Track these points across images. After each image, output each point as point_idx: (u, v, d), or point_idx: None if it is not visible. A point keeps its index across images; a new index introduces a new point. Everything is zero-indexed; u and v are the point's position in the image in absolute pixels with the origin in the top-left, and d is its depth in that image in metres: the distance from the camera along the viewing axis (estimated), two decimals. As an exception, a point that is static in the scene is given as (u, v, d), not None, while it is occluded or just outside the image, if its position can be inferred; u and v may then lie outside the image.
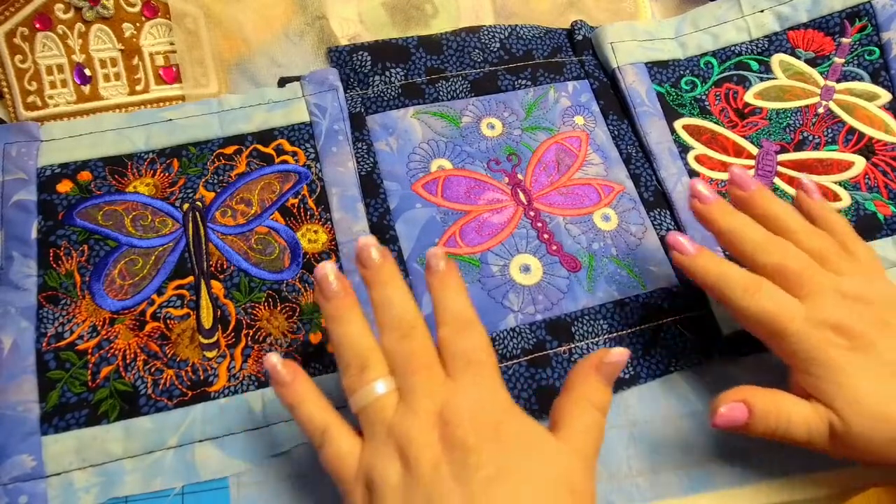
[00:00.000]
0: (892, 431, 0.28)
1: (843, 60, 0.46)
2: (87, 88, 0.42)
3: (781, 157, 0.43)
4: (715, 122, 0.44)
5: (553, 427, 0.28)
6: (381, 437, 0.27)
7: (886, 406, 0.28)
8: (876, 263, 0.33)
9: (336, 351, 0.29)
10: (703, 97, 0.45)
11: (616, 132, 0.44)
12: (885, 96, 0.44)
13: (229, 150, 0.40)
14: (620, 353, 0.29)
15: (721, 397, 0.31)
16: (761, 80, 0.45)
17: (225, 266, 0.37)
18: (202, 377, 0.34)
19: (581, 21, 0.48)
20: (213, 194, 0.39)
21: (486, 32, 0.46)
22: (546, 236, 0.40)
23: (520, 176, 0.42)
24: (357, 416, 0.28)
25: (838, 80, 0.45)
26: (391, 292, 0.29)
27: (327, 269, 0.29)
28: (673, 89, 0.45)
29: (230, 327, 0.35)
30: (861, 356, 0.29)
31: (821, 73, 0.45)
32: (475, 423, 0.26)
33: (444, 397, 0.27)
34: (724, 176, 0.42)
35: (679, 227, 0.40)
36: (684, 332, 0.37)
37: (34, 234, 0.37)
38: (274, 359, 0.29)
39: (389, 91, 0.43)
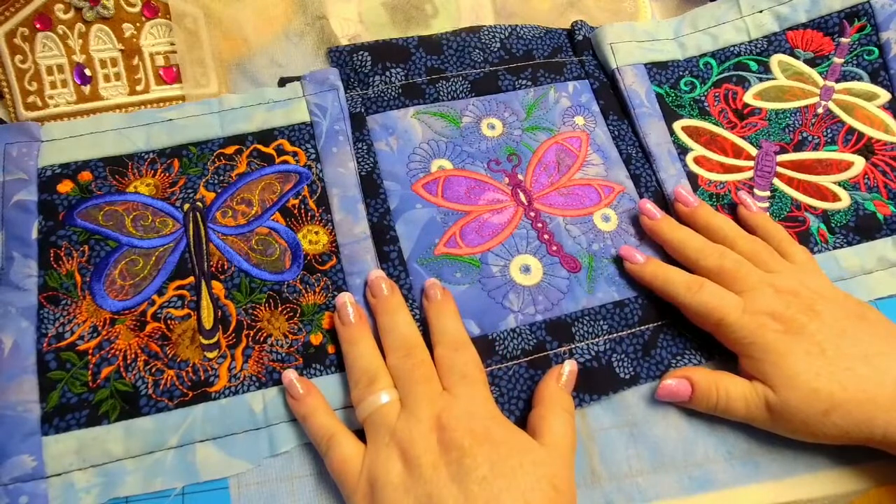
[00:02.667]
0: (821, 404, 0.31)
1: (842, 60, 0.46)
2: (87, 88, 0.42)
3: (781, 158, 0.43)
4: (714, 123, 0.44)
5: (533, 435, 0.31)
6: (385, 440, 0.31)
7: (816, 381, 0.31)
8: (810, 262, 0.37)
9: (348, 369, 0.34)
10: (703, 98, 0.45)
11: (616, 132, 0.44)
12: (885, 96, 0.44)
13: (230, 150, 0.40)
14: (570, 364, 0.35)
15: (667, 374, 0.35)
16: (760, 80, 0.46)
17: (226, 267, 0.37)
18: (203, 377, 0.34)
19: (581, 21, 0.48)
20: (213, 194, 0.39)
21: (486, 32, 0.46)
22: (546, 237, 0.40)
23: (520, 176, 0.42)
24: (363, 423, 0.32)
25: (837, 80, 0.45)
26: (397, 319, 0.35)
27: (346, 298, 0.35)
28: (672, 90, 0.45)
29: (231, 328, 0.35)
30: (793, 338, 0.32)
31: (820, 74, 0.46)
32: (469, 428, 0.30)
33: (441, 405, 0.31)
34: (722, 178, 0.42)
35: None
36: (684, 332, 0.37)
37: (35, 235, 0.37)
38: (291, 375, 0.34)
39: (390, 91, 0.43)
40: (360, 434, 0.32)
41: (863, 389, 0.31)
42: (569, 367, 0.34)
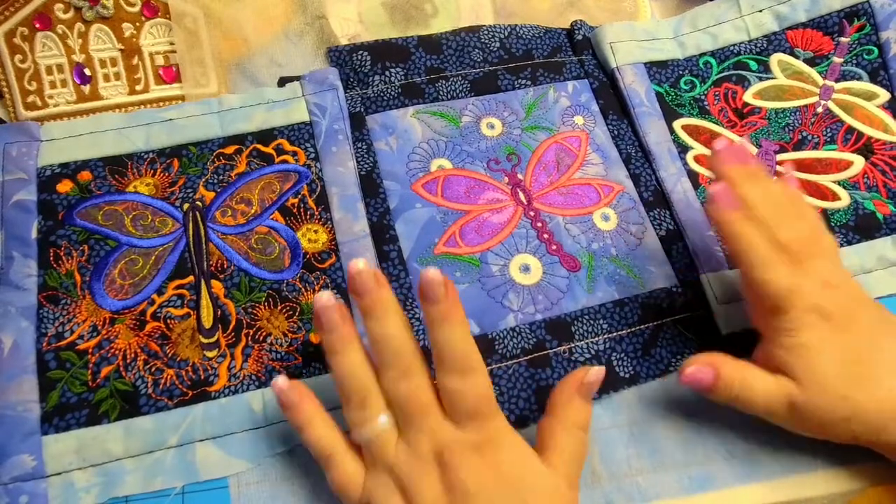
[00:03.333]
0: (846, 411, 0.30)
1: (841, 60, 0.46)
2: (87, 88, 0.42)
3: (781, 157, 0.43)
4: (714, 122, 0.44)
5: (540, 448, 0.30)
6: (384, 470, 0.29)
7: (847, 389, 0.30)
8: (837, 254, 0.34)
9: (337, 382, 0.30)
10: (703, 97, 0.45)
11: (616, 132, 0.44)
12: (884, 95, 0.44)
13: (229, 149, 0.40)
14: (598, 372, 0.31)
15: (692, 359, 0.33)
16: (760, 79, 0.46)
17: (225, 266, 0.37)
18: (202, 377, 0.34)
19: (581, 21, 0.48)
20: (213, 194, 0.39)
21: (485, 32, 0.46)
22: (546, 236, 0.40)
23: (520, 176, 0.42)
24: (361, 445, 0.30)
25: (837, 80, 0.45)
26: (388, 326, 0.29)
27: (325, 299, 0.29)
28: (672, 89, 0.45)
29: (230, 327, 0.35)
30: (835, 339, 0.31)
31: (819, 73, 0.46)
32: (475, 467, 0.28)
33: (443, 439, 0.28)
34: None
35: (678, 228, 0.40)
36: (684, 332, 0.37)
37: (34, 234, 0.37)
38: (280, 382, 0.30)
39: (389, 91, 0.43)
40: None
41: (887, 401, 0.30)
42: (594, 375, 0.31)
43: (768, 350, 0.32)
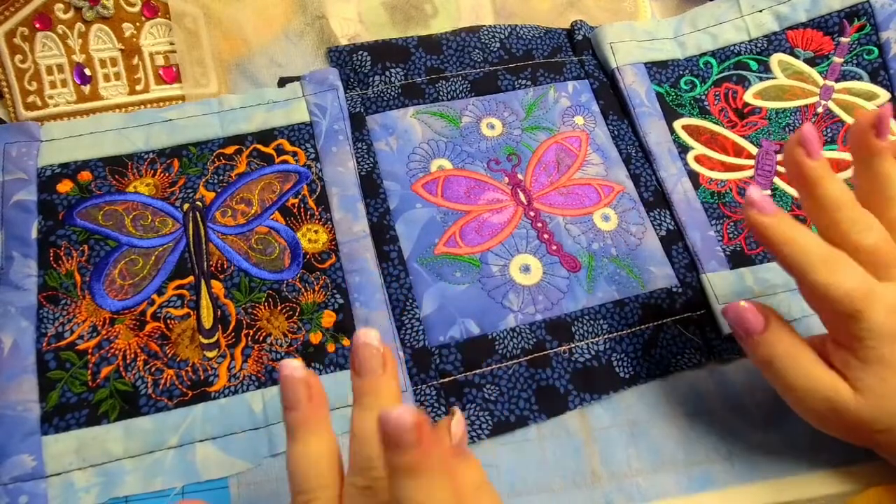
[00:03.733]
0: (888, 425, 0.28)
1: (842, 60, 0.46)
2: (87, 88, 0.42)
3: (781, 157, 0.43)
4: (714, 122, 0.44)
5: None
6: None
7: None
8: None
9: (287, 467, 0.25)
10: (703, 97, 0.45)
11: (616, 132, 0.44)
12: (884, 96, 0.44)
13: (229, 150, 0.40)
14: (458, 423, 0.25)
15: (747, 300, 0.30)
16: (760, 79, 0.46)
17: (225, 266, 0.37)
18: (202, 377, 0.34)
19: (581, 21, 0.48)
20: (213, 194, 0.39)
21: (486, 32, 0.46)
22: (546, 236, 0.40)
23: (520, 176, 0.42)
24: None
25: (837, 80, 0.45)
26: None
27: (291, 368, 0.24)
28: (672, 89, 0.45)
29: (230, 327, 0.35)
30: None
31: (820, 73, 0.45)
32: None
33: None
34: (723, 176, 0.42)
35: (679, 228, 0.40)
36: (684, 332, 0.37)
37: (34, 234, 0.37)
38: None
39: (389, 91, 0.43)
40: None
41: None
42: (456, 430, 0.25)
43: (833, 348, 0.29)
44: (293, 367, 0.24)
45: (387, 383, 0.25)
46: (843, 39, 0.46)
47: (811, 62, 0.46)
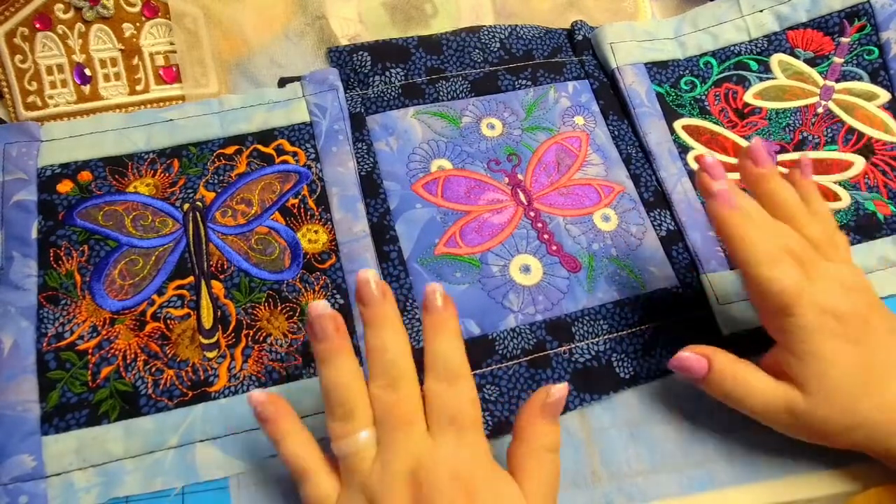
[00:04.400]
0: (851, 422, 0.30)
1: (842, 60, 0.46)
2: (87, 88, 0.42)
3: (781, 157, 0.43)
4: (714, 123, 0.44)
5: (513, 473, 0.29)
6: (357, 488, 0.28)
7: (855, 400, 0.29)
8: (850, 255, 0.34)
9: (324, 392, 0.29)
10: (703, 97, 0.45)
11: (616, 132, 0.44)
12: (885, 96, 0.44)
13: (230, 150, 0.40)
14: (560, 390, 0.29)
15: (688, 347, 0.32)
16: (761, 79, 0.46)
17: (225, 266, 0.37)
18: (202, 377, 0.34)
19: (581, 21, 0.48)
20: (213, 194, 0.39)
21: (486, 32, 0.46)
22: (546, 236, 0.40)
23: (520, 176, 0.42)
24: (339, 459, 0.29)
25: (837, 80, 0.45)
26: (387, 337, 0.29)
27: (320, 307, 0.29)
28: (672, 89, 0.45)
29: (230, 327, 0.35)
30: (850, 348, 0.30)
31: (820, 73, 0.45)
32: (448, 486, 0.26)
33: (420, 455, 0.27)
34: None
35: (679, 228, 0.40)
36: (685, 332, 0.37)
37: (34, 234, 0.37)
38: (257, 395, 0.29)
39: (389, 91, 0.43)
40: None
41: (893, 408, 0.29)
42: (557, 394, 0.29)
43: (777, 353, 0.31)
44: (321, 306, 0.29)
45: (389, 308, 0.29)
46: (844, 40, 0.46)
47: (811, 62, 0.46)
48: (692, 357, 0.32)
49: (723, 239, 0.32)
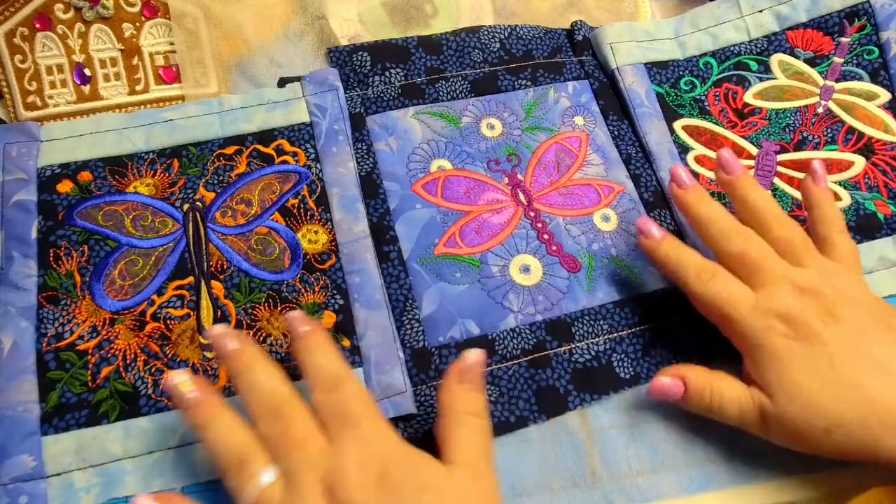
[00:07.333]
0: (822, 421, 0.29)
1: (842, 60, 0.46)
2: (87, 88, 0.42)
3: (781, 157, 0.43)
4: (714, 123, 0.44)
5: (441, 452, 0.28)
6: None
7: (817, 396, 0.29)
8: (851, 258, 0.34)
9: (211, 456, 0.28)
10: (703, 97, 0.45)
11: (616, 132, 0.44)
12: (885, 96, 0.44)
13: (229, 150, 0.40)
14: (473, 354, 0.30)
15: (661, 371, 0.33)
16: (760, 80, 0.45)
17: (225, 266, 0.37)
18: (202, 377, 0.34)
19: (581, 21, 0.48)
20: (213, 194, 0.39)
21: (486, 32, 0.46)
22: (546, 237, 0.40)
23: (520, 176, 0.42)
24: None
25: (837, 80, 0.45)
26: (255, 377, 0.29)
27: (175, 379, 0.29)
28: (672, 90, 0.45)
29: (230, 328, 0.35)
30: (803, 347, 0.30)
31: (820, 73, 0.45)
32: (360, 480, 0.26)
33: (326, 466, 0.27)
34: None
35: (679, 228, 0.40)
36: (684, 332, 0.37)
37: (34, 235, 0.37)
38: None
39: (389, 91, 0.43)
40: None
41: (871, 410, 0.28)
42: (469, 358, 0.30)
43: (745, 365, 0.33)
44: (177, 374, 0.29)
45: (248, 353, 0.30)
46: (844, 39, 0.46)
47: (811, 62, 0.46)
48: (667, 381, 0.33)
49: (661, 269, 0.35)
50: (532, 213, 0.40)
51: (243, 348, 0.30)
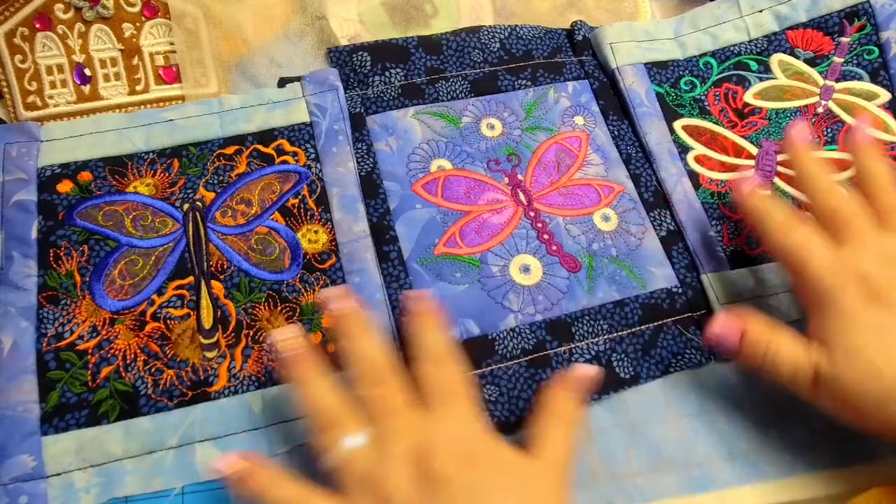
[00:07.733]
0: (882, 391, 0.28)
1: (842, 60, 0.46)
2: (87, 88, 0.42)
3: (781, 157, 0.43)
4: (714, 123, 0.44)
5: (529, 447, 0.29)
6: (356, 489, 0.27)
7: (882, 361, 0.28)
8: None
9: (305, 413, 0.29)
10: (703, 97, 0.45)
11: (616, 132, 0.44)
12: (885, 96, 0.44)
13: (229, 150, 0.40)
14: (586, 369, 0.32)
15: (720, 315, 0.32)
16: (760, 79, 0.45)
17: (225, 266, 0.37)
18: (202, 377, 0.34)
19: (581, 21, 0.48)
20: (213, 194, 0.39)
21: (485, 32, 0.46)
22: (546, 236, 0.40)
23: (520, 176, 0.42)
24: (332, 474, 0.28)
25: (837, 80, 0.45)
26: (362, 343, 0.30)
27: (278, 336, 0.30)
28: (672, 90, 0.45)
29: (230, 327, 0.35)
30: (877, 311, 0.29)
31: (820, 73, 0.45)
32: (452, 453, 0.27)
33: (420, 436, 0.28)
34: (722, 176, 0.42)
35: (679, 228, 0.40)
36: (684, 332, 0.37)
37: (34, 235, 0.37)
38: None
39: (389, 91, 0.43)
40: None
41: None
42: (583, 371, 0.32)
43: (809, 323, 0.31)
44: (289, 330, 0.31)
45: (359, 319, 0.31)
46: (844, 39, 0.46)
47: (811, 62, 0.46)
48: (725, 327, 0.32)
49: (746, 217, 0.35)
50: (532, 213, 0.40)
51: (354, 314, 0.31)
